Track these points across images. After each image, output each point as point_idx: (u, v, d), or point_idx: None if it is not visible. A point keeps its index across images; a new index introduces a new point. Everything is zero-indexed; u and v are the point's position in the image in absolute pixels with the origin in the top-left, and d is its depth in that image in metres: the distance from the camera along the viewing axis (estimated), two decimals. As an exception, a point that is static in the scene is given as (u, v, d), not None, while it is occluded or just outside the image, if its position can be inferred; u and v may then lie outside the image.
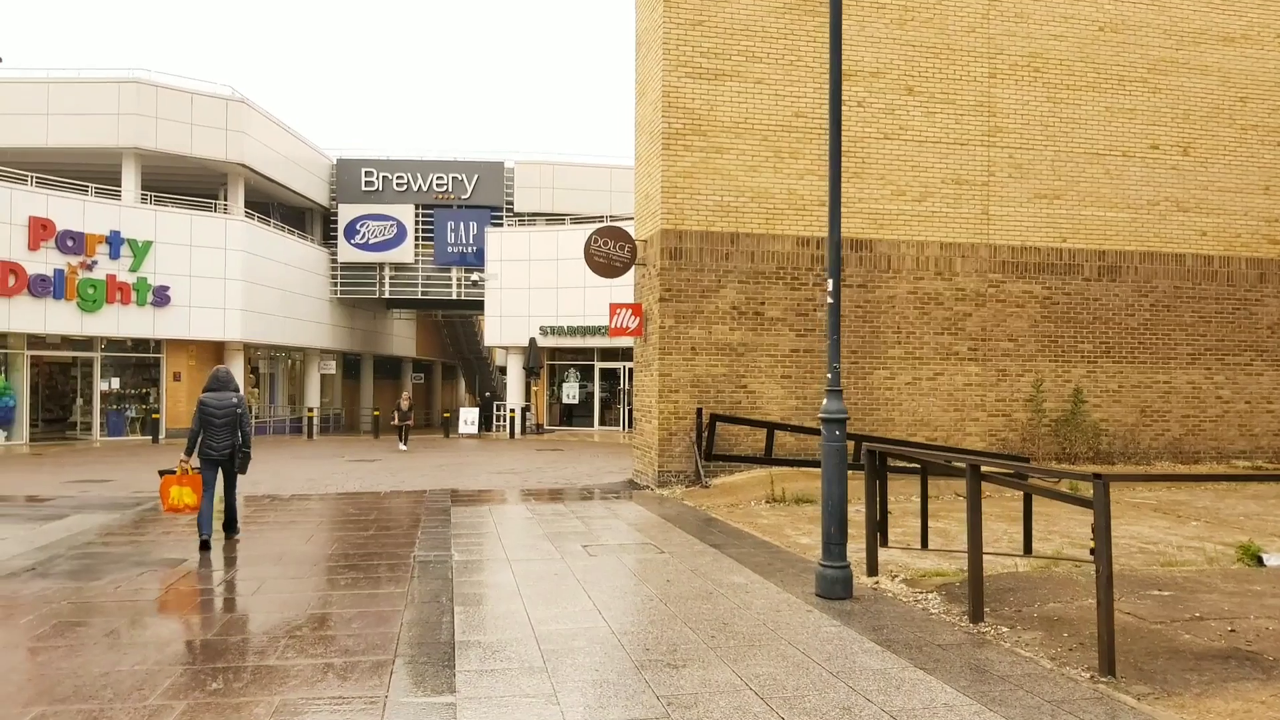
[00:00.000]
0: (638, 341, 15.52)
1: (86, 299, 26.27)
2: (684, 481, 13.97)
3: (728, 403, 14.18)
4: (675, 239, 14.06)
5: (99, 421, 28.13)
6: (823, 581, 6.71)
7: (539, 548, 8.92)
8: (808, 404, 14.47)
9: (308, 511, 11.85)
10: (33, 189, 25.68)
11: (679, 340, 14.05)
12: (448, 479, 16.18)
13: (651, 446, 14.32)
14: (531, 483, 15.72)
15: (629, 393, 31.83)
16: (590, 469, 18.33)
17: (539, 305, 31.98)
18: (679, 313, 14.05)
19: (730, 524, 10.49)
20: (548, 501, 12.82)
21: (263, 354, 34.40)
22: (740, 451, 14.16)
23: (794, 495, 12.25)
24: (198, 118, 29.38)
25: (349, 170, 37.32)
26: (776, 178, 14.39)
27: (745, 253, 14.30)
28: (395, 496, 13.48)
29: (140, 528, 10.41)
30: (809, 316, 14.51)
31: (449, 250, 37.21)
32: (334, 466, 18.93)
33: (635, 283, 15.69)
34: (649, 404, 14.54)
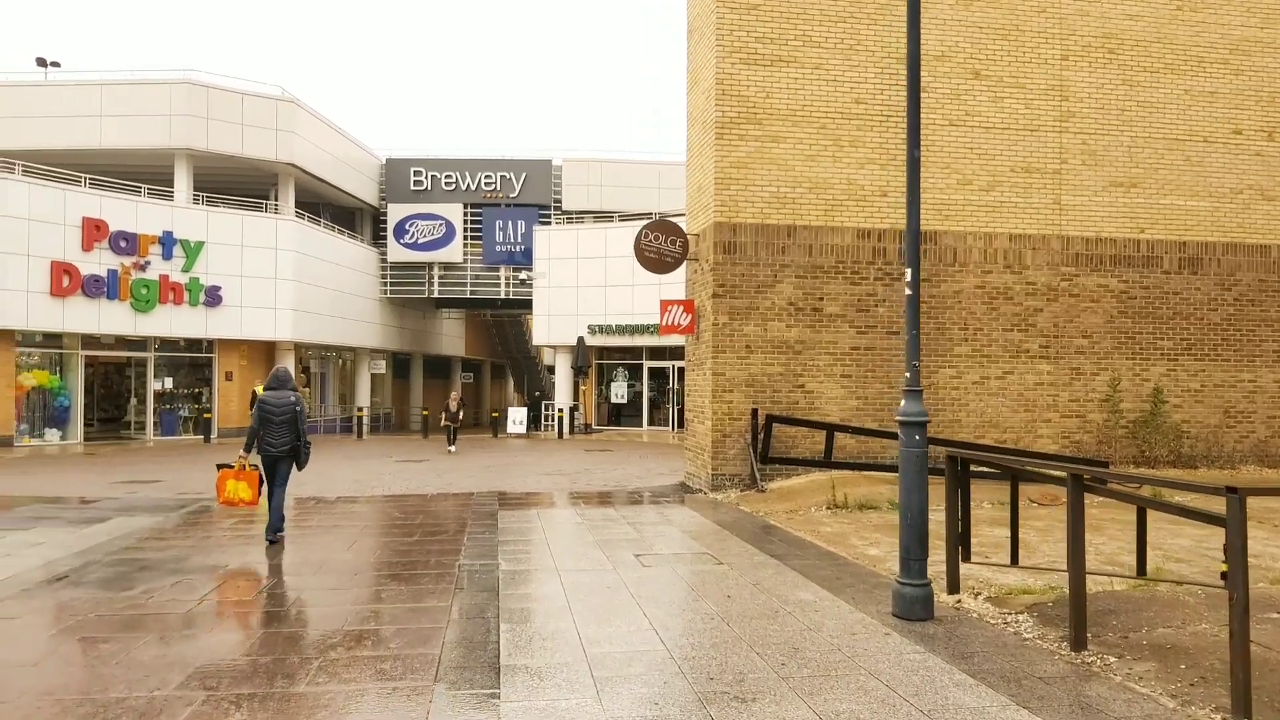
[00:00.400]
0: (689, 340, 14.98)
1: (140, 299, 26.43)
2: (739, 485, 13.40)
3: (784, 403, 13.58)
4: (729, 232, 13.49)
5: (152, 421, 28.33)
6: (901, 600, 6.11)
7: (589, 556, 8.43)
8: (869, 404, 13.80)
9: (352, 515, 11.51)
10: (86, 190, 25.90)
11: (733, 338, 13.47)
12: (495, 481, 15.80)
13: (704, 448, 13.77)
14: (580, 485, 15.26)
15: (678, 392, 31.29)
16: (640, 471, 17.83)
17: (587, 304, 31.58)
18: (733, 309, 13.48)
19: (791, 532, 9.90)
20: (597, 505, 12.34)
21: (314, 353, 34.49)
22: (798, 454, 13.55)
23: (857, 501, 11.61)
24: (248, 118, 29.47)
25: (398, 170, 37.28)
26: (835, 167, 13.75)
27: (803, 246, 13.68)
28: (442, 499, 13.10)
29: (182, 532, 10.14)
30: (870, 313, 13.84)
31: (497, 249, 36.99)
32: (382, 467, 18.67)
33: (687, 279, 15.14)
34: (702, 404, 13.99)
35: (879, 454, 13.74)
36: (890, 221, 13.90)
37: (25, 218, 24.19)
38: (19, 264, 24.04)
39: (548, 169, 37.22)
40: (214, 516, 11.30)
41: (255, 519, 11.05)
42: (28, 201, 24.31)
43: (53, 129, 28.40)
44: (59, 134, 28.43)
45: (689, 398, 15.00)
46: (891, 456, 13.70)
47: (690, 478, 14.72)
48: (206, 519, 11.07)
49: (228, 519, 11.08)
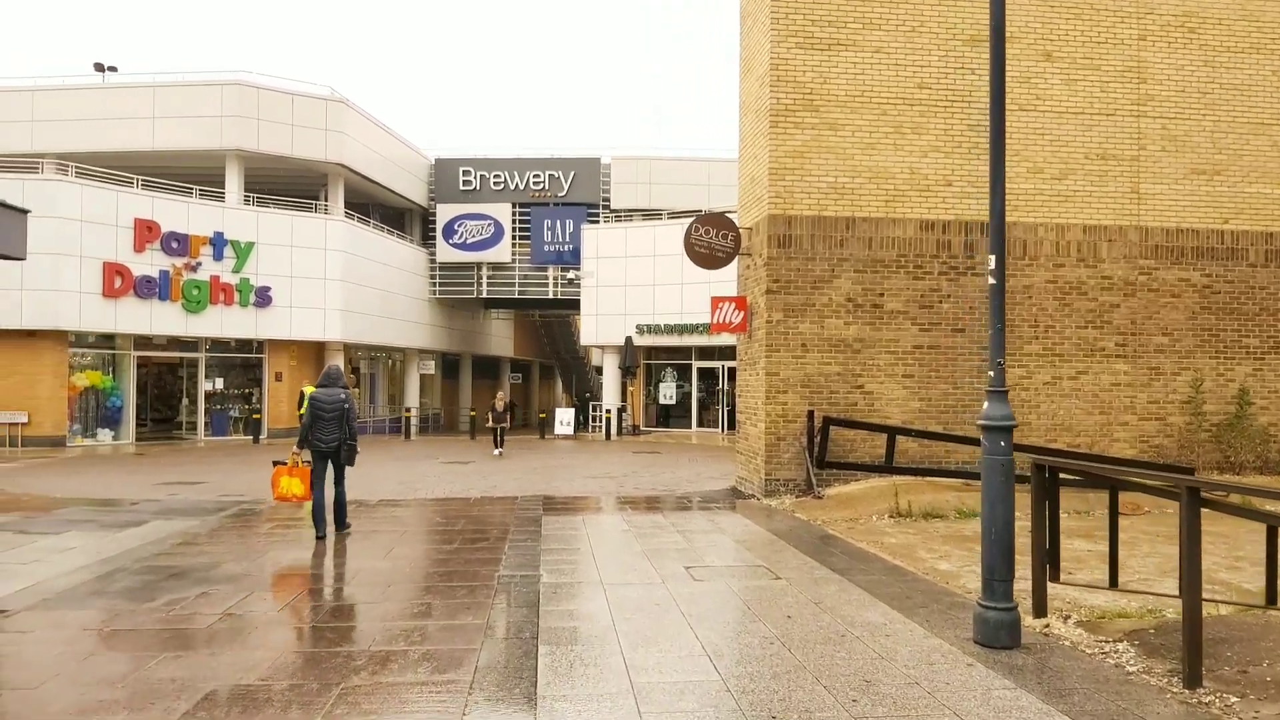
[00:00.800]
0: (741, 338, 14.37)
1: (191, 300, 26.54)
2: (793, 491, 12.76)
3: (842, 404, 12.90)
4: (784, 225, 12.85)
5: (203, 421, 28.46)
6: (984, 626, 5.47)
7: (637, 568, 7.88)
8: (932, 406, 13.06)
9: (392, 520, 11.12)
10: (138, 191, 26.06)
11: (788, 336, 12.84)
12: (540, 484, 15.35)
13: (757, 452, 13.15)
14: (628, 489, 14.74)
15: (728, 393, 30.64)
16: (689, 474, 17.26)
17: (635, 303, 31.07)
18: (788, 306, 12.85)
19: (852, 543, 9.25)
20: (645, 511, 11.79)
21: (363, 354, 34.48)
22: (856, 458, 12.86)
23: (921, 509, 10.91)
24: (298, 119, 29.48)
25: (447, 170, 37.16)
26: (897, 156, 13.04)
27: (862, 239, 13.00)
28: (485, 503, 12.67)
29: (216, 537, 9.81)
30: (934, 309, 13.10)
31: (545, 249, 36.67)
32: (427, 469, 18.35)
33: (739, 275, 14.54)
34: (754, 406, 13.37)
35: (943, 458, 13.00)
36: (955, 212, 13.15)
37: (78, 219, 24.39)
38: (72, 265, 24.22)
39: (596, 167, 36.80)
40: (251, 521, 10.99)
41: (291, 525, 10.70)
42: (80, 203, 24.50)
43: (106, 131, 28.67)
44: (112, 136, 28.69)
45: (741, 399, 14.40)
46: (957, 461, 12.96)
47: (742, 482, 14.11)
48: (243, 523, 10.76)
49: (265, 523, 10.76)
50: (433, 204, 37.35)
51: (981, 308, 13.20)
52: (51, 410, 24.51)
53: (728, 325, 13.64)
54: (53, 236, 23.92)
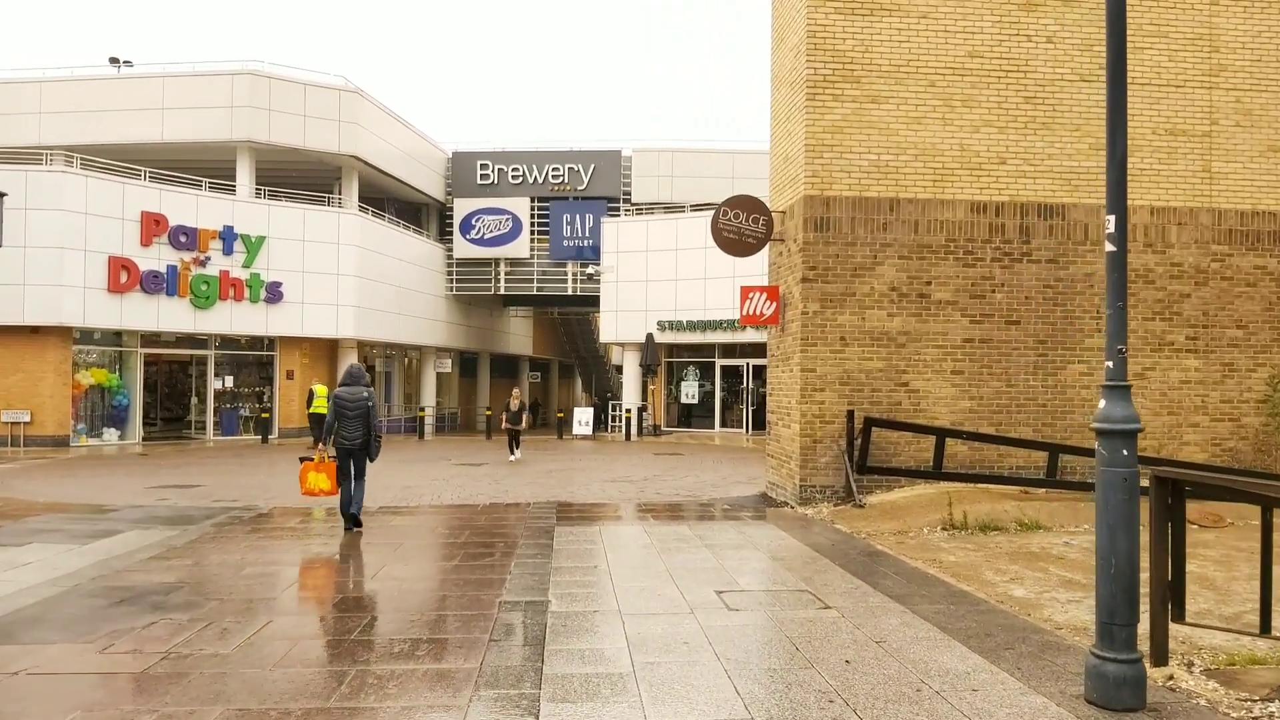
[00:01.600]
0: (773, 332, 13.27)
1: (199, 295, 25.72)
2: (831, 498, 11.63)
3: (885, 404, 11.76)
4: (821, 207, 11.73)
5: (212, 421, 27.64)
6: (1101, 682, 4.34)
7: (661, 594, 6.80)
8: (983, 405, 11.89)
9: (390, 530, 10.10)
10: (146, 184, 25.26)
11: (825, 329, 11.71)
12: (556, 488, 14.31)
13: (791, 455, 12.04)
14: (649, 494, 13.67)
15: (753, 392, 29.52)
16: (714, 478, 16.16)
17: (657, 299, 29.99)
18: (826, 295, 11.72)
19: (906, 561, 8.13)
20: (668, 520, 10.72)
21: (378, 352, 33.61)
22: (900, 463, 11.73)
23: (977, 520, 9.76)
24: (310, 109, 28.61)
25: (464, 163, 36.23)
26: (946, 131, 11.88)
27: (907, 222, 11.85)
28: (494, 511, 11.63)
29: (193, 551, 8.83)
30: (986, 299, 11.93)
31: (564, 244, 35.66)
32: (437, 472, 17.36)
33: (770, 263, 13.42)
34: (788, 405, 12.26)
35: (995, 463, 11.83)
36: (1010, 193, 11.98)
37: (82, 212, 23.60)
38: (76, 260, 23.44)
39: (617, 160, 35.75)
40: (234, 531, 10.01)
41: (276, 535, 9.72)
42: (85, 195, 23.72)
43: (114, 124, 27.91)
44: (121, 129, 27.93)
45: (772, 397, 13.29)
46: (1010, 466, 11.80)
47: (773, 488, 13.00)
48: (225, 535, 9.77)
49: (249, 534, 9.77)
50: (449, 198, 36.43)
51: (1037, 297, 12.01)
52: (55, 409, 23.74)
53: (758, 317, 12.53)
54: (57, 230, 23.17)
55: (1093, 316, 12.12)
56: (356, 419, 9.99)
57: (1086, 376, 12.09)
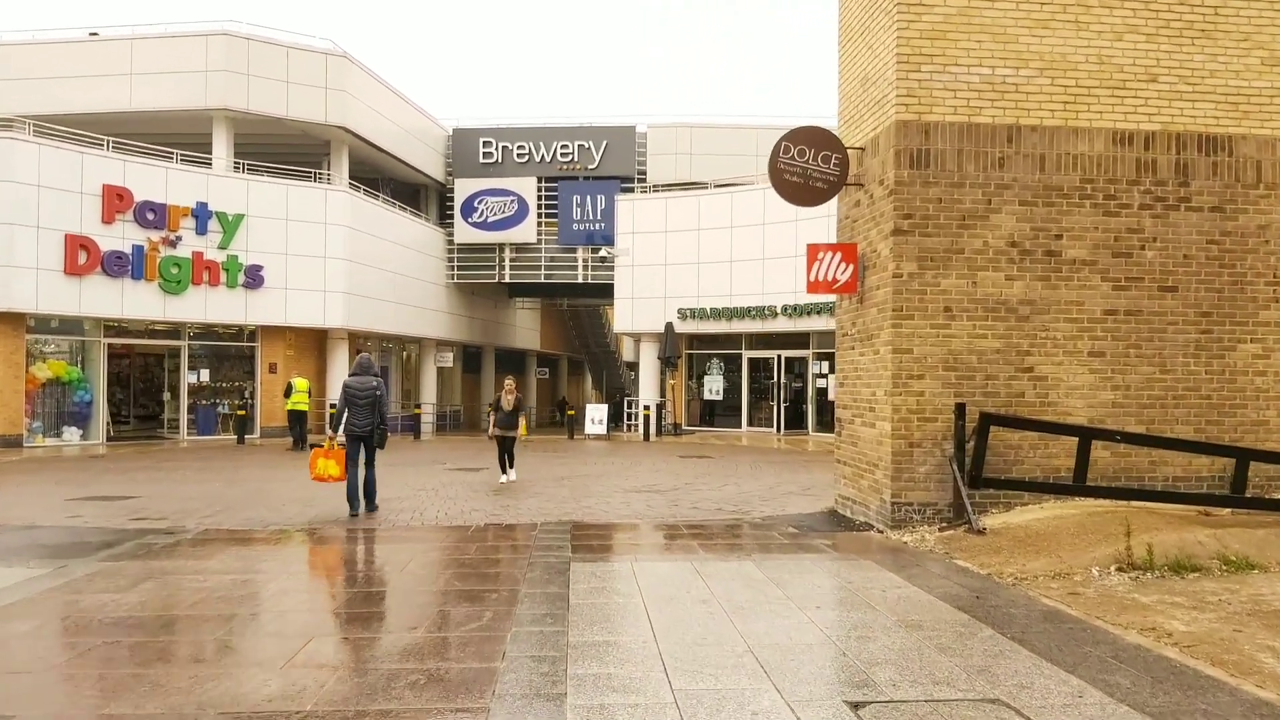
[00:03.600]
0: (844, 305, 10.48)
1: (169, 279, 23.03)
2: (934, 519, 8.84)
3: (1003, 395, 8.96)
4: (919, 136, 8.93)
5: (185, 419, 24.92)
6: None
7: (750, 697, 4.02)
8: (1130, 397, 9.08)
9: (344, 569, 7.35)
10: (108, 153, 22.56)
11: (925, 296, 8.91)
12: (568, 502, 11.55)
13: (876, 463, 9.24)
14: (684, 509, 10.91)
15: (786, 387, 26.68)
16: (758, 488, 13.39)
17: (677, 284, 27.18)
18: (925, 253, 8.92)
19: (1110, 631, 5.33)
20: (722, 551, 7.95)
21: (373, 344, 30.89)
22: (1022, 472, 8.92)
23: (1166, 557, 6.94)
24: (294, 75, 25.88)
25: (465, 141, 33.47)
26: (1080, 38, 9.07)
27: (1030, 157, 9.04)
28: (490, 536, 8.87)
29: (44, 605, 6.07)
30: (1133, 258, 9.12)
31: (574, 228, 32.88)
32: (427, 479, 14.62)
33: (842, 217, 10.61)
34: (870, 398, 9.46)
35: (1145, 472, 9.02)
36: (1163, 119, 9.16)
37: (35, 184, 20.92)
38: (28, 237, 20.76)
39: (631, 136, 32.95)
40: (123, 572, 7.26)
41: (181, 579, 6.96)
42: (38, 166, 21.03)
43: (79, 91, 25.21)
44: (85, 96, 25.23)
45: (844, 389, 10.47)
46: (1166, 476, 8.99)
47: (846, 504, 10.20)
48: (106, 576, 7.02)
49: (136, 583, 7.02)
50: (450, 179, 33.68)
51: (1199, 255, 9.19)
52: (6, 406, 21.05)
53: (830, 284, 9.72)
54: (5, 204, 20.49)
55: (1269, 281, 9.29)
56: (366, 406, 10.27)
57: (1261, 360, 9.26)
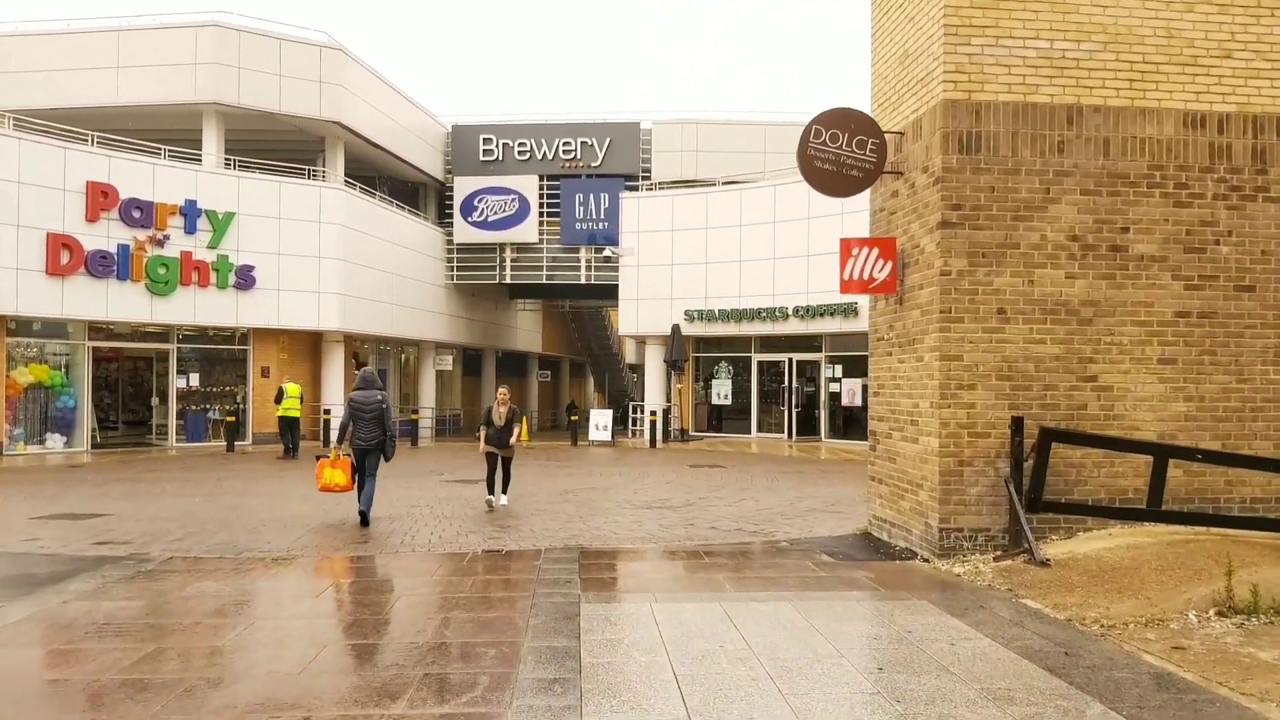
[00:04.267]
0: (880, 307, 9.53)
1: (156, 280, 22.09)
2: (987, 546, 7.88)
3: (1063, 408, 8.00)
4: (969, 116, 7.98)
5: (174, 425, 23.96)
6: None
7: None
8: (1205, 409, 8.11)
9: (318, 614, 6.40)
10: (92, 149, 21.63)
11: (976, 296, 7.95)
12: (574, 521, 10.60)
13: (920, 483, 8.29)
14: (701, 529, 9.96)
15: (798, 391, 25.71)
16: (778, 502, 12.44)
17: (684, 285, 26.21)
18: (977, 247, 7.96)
19: (1233, 698, 4.38)
20: (747, 584, 7.01)
21: (370, 347, 29.96)
22: (1086, 494, 7.96)
23: (1273, 598, 5.98)
24: (287, 68, 24.94)
25: (465, 138, 32.53)
26: (1147, 9, 8.11)
27: (1093, 141, 8.09)
28: (490, 564, 7.92)
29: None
30: (1207, 254, 8.15)
31: (577, 227, 31.93)
32: (422, 492, 13.68)
33: (876, 210, 9.66)
34: (912, 410, 8.51)
35: (1221, 493, 8.06)
36: (1238, 99, 8.20)
37: (15, 180, 19.96)
38: (8, 236, 19.80)
39: (635, 133, 32.00)
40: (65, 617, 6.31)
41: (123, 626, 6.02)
42: (18, 161, 20.08)
43: (63, 84, 24.29)
44: (70, 90, 24.32)
45: (879, 399, 9.52)
46: (1243, 498, 8.03)
47: (883, 527, 9.23)
48: (34, 625, 6.07)
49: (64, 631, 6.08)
50: (449, 177, 32.73)
51: (1279, 252, 8.23)
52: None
53: (867, 283, 8.75)
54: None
55: (1359, 280, 8.32)
56: (372, 421, 10.32)
57: (1352, 368, 8.29)
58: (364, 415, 10.30)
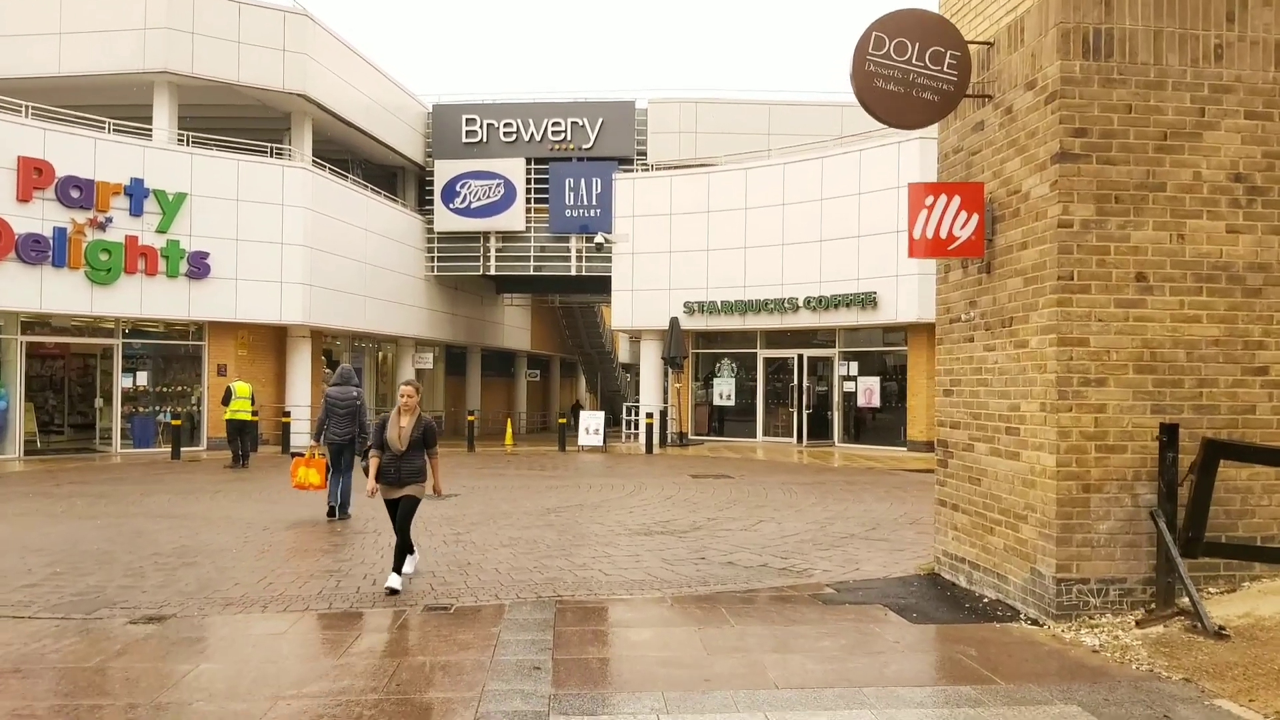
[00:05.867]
0: (953, 276, 7.32)
1: (98, 267, 19.79)
2: (1120, 603, 5.67)
3: (1223, 410, 5.80)
4: (1096, 8, 5.77)
5: (119, 428, 21.64)
6: None
7: None
8: None
9: None
10: (25, 120, 19.33)
11: (1107, 257, 5.75)
12: (554, 552, 8.39)
13: (1023, 514, 6.08)
14: (714, 564, 7.78)
15: (809, 391, 23.49)
16: (804, 525, 10.24)
17: (683, 274, 23.99)
18: (1107, 189, 5.76)
19: None
20: (793, 667, 4.81)
21: (343, 344, 27.68)
22: (1254, 529, 5.76)
23: None
24: (246, 34, 22.63)
25: (447, 118, 30.26)
26: None
27: (1262, 44, 5.88)
28: (423, 632, 5.69)
29: None
30: None
31: (567, 214, 29.67)
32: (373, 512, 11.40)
33: (948, 149, 7.43)
34: (1010, 412, 6.30)
35: None
36: None
37: (-70, 154, 17.70)
38: (-79, 216, 17.53)
39: (629, 112, 29.76)
40: None
41: None
42: (-66, 132, 17.81)
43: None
44: (6, 60, 22.01)
45: (953, 397, 7.29)
46: None
47: (960, 568, 7.01)
48: None
49: None
50: (429, 161, 30.46)
51: None
52: (-103, 415, 17.83)
53: (945, 243, 6.53)
54: (-109, 176, 17.31)
55: None
56: (346, 417, 10.58)
57: None
58: (339, 411, 10.60)
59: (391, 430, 7.13)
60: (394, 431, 7.11)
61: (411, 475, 7.12)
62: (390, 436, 7.11)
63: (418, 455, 7.17)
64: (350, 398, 10.67)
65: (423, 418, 7.28)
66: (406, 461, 7.12)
